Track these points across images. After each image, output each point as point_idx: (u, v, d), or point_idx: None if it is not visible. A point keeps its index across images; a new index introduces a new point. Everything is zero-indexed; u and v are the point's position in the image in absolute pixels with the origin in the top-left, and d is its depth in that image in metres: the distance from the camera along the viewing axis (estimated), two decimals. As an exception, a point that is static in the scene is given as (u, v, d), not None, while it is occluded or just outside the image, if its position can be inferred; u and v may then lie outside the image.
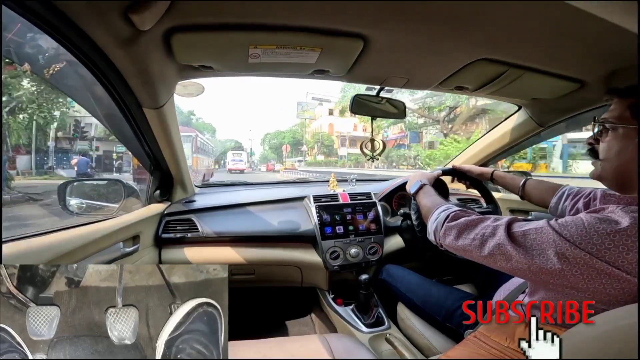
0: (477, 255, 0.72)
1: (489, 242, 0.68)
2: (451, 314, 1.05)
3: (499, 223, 0.69)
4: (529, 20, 0.68)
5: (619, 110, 0.67)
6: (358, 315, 1.38)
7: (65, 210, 1.16)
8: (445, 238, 0.80)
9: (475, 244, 0.71)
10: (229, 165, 24.93)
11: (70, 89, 0.99)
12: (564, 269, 0.58)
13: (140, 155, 1.28)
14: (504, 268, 0.67)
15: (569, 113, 1.27)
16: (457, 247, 0.76)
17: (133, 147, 1.23)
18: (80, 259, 0.87)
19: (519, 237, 0.65)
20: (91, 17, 0.63)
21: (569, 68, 0.94)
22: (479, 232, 0.71)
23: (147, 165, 1.34)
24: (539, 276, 0.63)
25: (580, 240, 0.57)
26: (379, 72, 1.03)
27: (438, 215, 0.86)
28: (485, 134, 1.69)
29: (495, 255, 0.67)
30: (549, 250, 0.60)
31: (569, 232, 0.59)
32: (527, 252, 0.62)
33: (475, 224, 0.74)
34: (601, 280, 0.56)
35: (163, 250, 1.38)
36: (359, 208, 1.52)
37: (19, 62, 0.88)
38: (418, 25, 0.74)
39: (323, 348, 0.88)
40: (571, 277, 0.58)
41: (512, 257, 0.64)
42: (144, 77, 0.88)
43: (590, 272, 0.56)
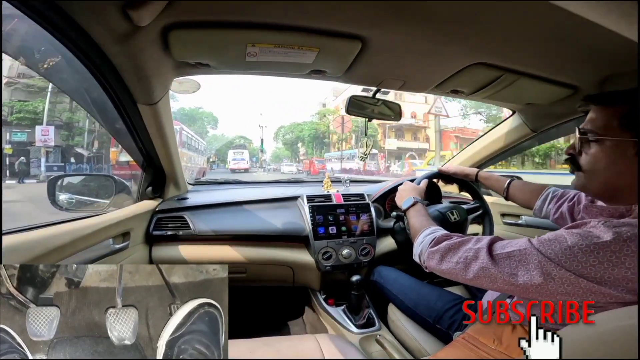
0: (462, 278, 0.72)
1: (472, 265, 0.68)
2: (441, 316, 1.05)
3: (480, 245, 0.69)
4: (526, 25, 0.69)
5: (602, 120, 0.64)
6: (349, 315, 1.38)
7: (54, 205, 1.14)
8: (429, 262, 0.79)
9: (459, 267, 0.71)
10: (231, 165, 23.67)
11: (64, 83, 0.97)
12: (549, 287, 0.59)
13: (133, 151, 1.26)
14: (491, 288, 0.68)
15: (562, 119, 1.29)
16: (441, 270, 0.76)
17: (126, 143, 1.22)
18: (69, 254, 0.85)
19: (502, 259, 0.65)
20: (89, 12, 0.63)
21: (563, 74, 0.95)
22: (461, 255, 0.71)
23: (139, 162, 1.32)
24: (526, 294, 0.63)
25: (565, 259, 0.57)
26: (375, 74, 1.03)
27: (423, 239, 0.86)
28: (479, 138, 1.71)
29: (480, 277, 0.67)
30: (534, 271, 0.60)
31: (553, 252, 0.59)
32: (511, 274, 0.62)
33: (457, 247, 0.74)
34: (588, 296, 0.56)
35: (154, 247, 1.37)
36: (353, 209, 1.52)
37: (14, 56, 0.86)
38: (416, 28, 0.74)
39: (313, 348, 0.88)
40: (558, 295, 0.59)
41: (497, 279, 0.64)
42: (140, 73, 0.87)
43: (577, 290, 0.57)
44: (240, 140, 37.97)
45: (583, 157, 0.67)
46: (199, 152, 17.12)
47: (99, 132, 14.01)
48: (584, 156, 0.66)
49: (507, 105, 1.39)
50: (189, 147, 14.59)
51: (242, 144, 30.61)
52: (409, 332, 1.15)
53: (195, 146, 16.32)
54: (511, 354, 0.66)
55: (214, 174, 21.08)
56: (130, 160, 6.65)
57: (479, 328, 0.77)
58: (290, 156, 35.75)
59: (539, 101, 1.19)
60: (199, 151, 17.38)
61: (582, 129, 0.67)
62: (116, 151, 11.83)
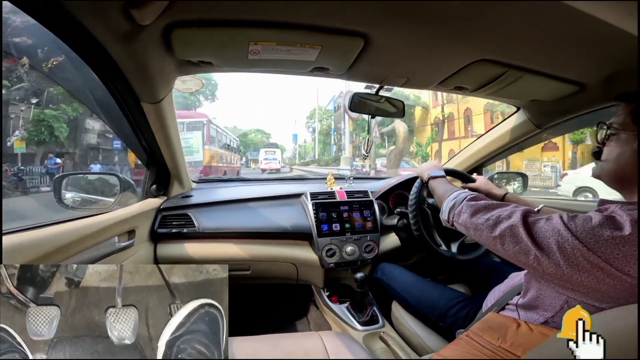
0: (486, 235, 0.74)
1: (503, 223, 0.71)
2: (444, 314, 1.05)
3: (516, 209, 0.72)
4: (530, 21, 0.68)
5: (622, 116, 0.69)
6: (353, 313, 1.39)
7: (60, 203, 1.15)
8: (461, 215, 0.83)
9: (488, 223, 0.74)
10: (262, 165, 22.81)
11: (68, 82, 0.98)
12: (560, 261, 0.60)
13: (137, 149, 1.27)
14: (509, 251, 0.69)
15: (567, 115, 1.28)
16: (469, 224, 0.80)
17: (130, 141, 1.22)
18: (75, 252, 0.86)
19: (531, 223, 0.67)
20: (91, 11, 0.63)
21: (568, 70, 0.94)
22: (495, 213, 0.74)
23: (143, 160, 1.33)
24: (536, 266, 0.65)
25: (582, 231, 0.59)
26: (378, 71, 1.03)
27: (458, 194, 0.90)
28: (483, 134, 1.70)
29: (505, 236, 0.69)
30: (551, 239, 0.62)
31: (575, 224, 0.61)
32: (532, 239, 0.65)
33: (494, 207, 0.77)
34: (595, 274, 0.57)
35: (159, 245, 1.38)
36: (356, 206, 1.52)
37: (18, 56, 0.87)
38: (419, 25, 0.74)
39: (317, 345, 0.88)
40: (566, 269, 0.60)
41: (521, 241, 0.66)
42: (143, 72, 0.87)
43: (585, 264, 0.58)
44: (257, 134, 35.40)
45: (605, 149, 0.72)
46: (231, 150, 14.86)
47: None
48: (605, 148, 0.72)
49: (512, 102, 1.38)
50: (220, 144, 13.04)
51: (274, 143, 29.46)
52: (413, 329, 1.15)
53: (227, 143, 14.37)
54: (515, 351, 0.66)
55: (245, 175, 19.39)
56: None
57: (482, 325, 0.77)
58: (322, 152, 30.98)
59: (544, 97, 1.17)
60: (232, 149, 15.17)
61: (608, 123, 0.72)
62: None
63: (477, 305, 1.00)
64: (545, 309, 0.69)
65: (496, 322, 0.75)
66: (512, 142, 1.54)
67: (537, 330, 0.67)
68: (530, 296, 0.73)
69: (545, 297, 0.69)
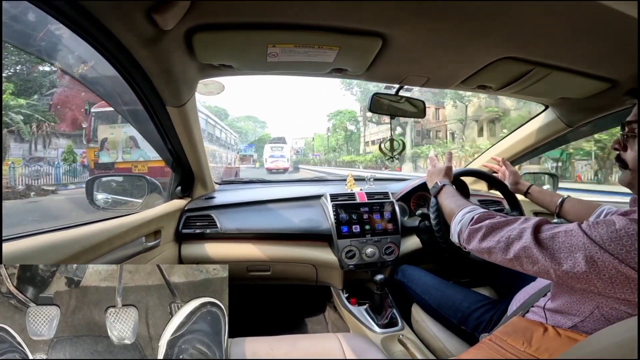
0: (501, 258, 0.70)
1: (515, 244, 0.67)
2: (467, 317, 1.03)
3: (525, 225, 0.67)
4: (555, 17, 0.66)
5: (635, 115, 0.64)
6: (372, 315, 1.38)
7: (93, 205, 1.21)
8: (470, 241, 0.78)
9: (500, 246, 0.70)
10: (267, 164, 21.07)
11: (98, 87, 1.03)
12: (591, 273, 0.56)
13: (162, 152, 1.32)
14: (529, 271, 0.66)
15: (599, 113, 1.22)
16: (481, 249, 0.75)
17: (156, 144, 1.27)
18: (106, 252, 0.90)
19: (546, 241, 0.63)
20: (116, 16, 0.66)
21: (598, 67, 0.90)
22: (504, 234, 0.70)
23: (169, 162, 1.38)
24: (565, 280, 0.61)
25: (609, 242, 0.55)
26: (397, 71, 1.02)
27: (462, 217, 0.84)
28: (510, 133, 1.64)
29: (520, 258, 0.65)
30: (577, 253, 0.57)
31: (599, 234, 0.56)
32: (553, 256, 0.60)
33: (501, 226, 0.72)
34: (629, 285, 0.54)
35: (183, 245, 1.42)
36: (376, 207, 1.51)
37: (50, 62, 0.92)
38: (438, 23, 0.72)
39: (335, 347, 0.88)
40: (598, 282, 0.56)
41: (538, 261, 0.62)
42: (167, 76, 0.90)
43: (618, 277, 0.54)
44: (248, 122, 28.55)
45: (628, 153, 0.66)
46: (227, 147, 12.77)
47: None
48: (629, 152, 0.65)
49: (539, 100, 1.33)
50: (218, 143, 11.50)
51: (280, 138, 25.99)
52: (433, 332, 1.13)
53: (226, 140, 12.51)
54: (541, 356, 0.63)
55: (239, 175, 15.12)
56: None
57: (507, 329, 0.74)
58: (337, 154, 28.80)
59: (573, 95, 1.12)
60: (228, 145, 13.03)
61: (626, 122, 0.66)
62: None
63: (502, 308, 0.96)
64: (575, 313, 0.65)
65: (521, 325, 0.72)
66: (541, 141, 1.49)
67: (565, 335, 0.63)
68: (559, 299, 0.70)
69: (575, 301, 0.65)
